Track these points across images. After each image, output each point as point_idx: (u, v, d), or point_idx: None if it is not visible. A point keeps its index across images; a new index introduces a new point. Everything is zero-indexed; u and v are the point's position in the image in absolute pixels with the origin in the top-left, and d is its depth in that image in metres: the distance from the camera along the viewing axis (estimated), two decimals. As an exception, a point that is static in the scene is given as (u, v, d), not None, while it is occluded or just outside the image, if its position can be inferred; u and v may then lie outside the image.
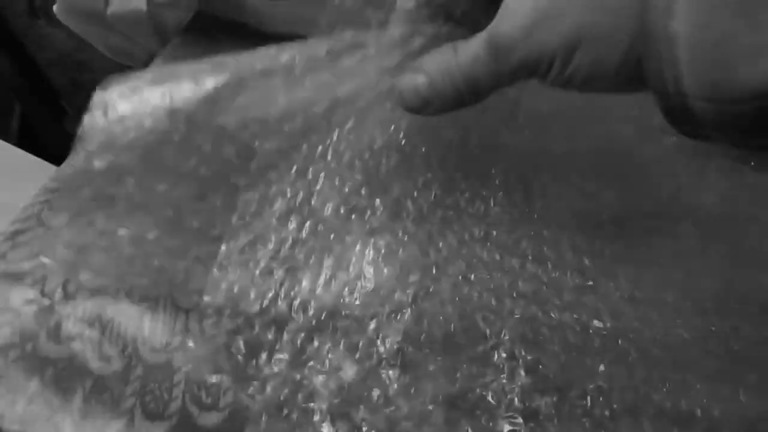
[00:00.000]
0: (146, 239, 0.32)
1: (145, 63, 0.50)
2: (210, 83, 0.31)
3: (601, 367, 0.30)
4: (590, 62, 0.23)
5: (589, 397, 0.29)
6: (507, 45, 0.25)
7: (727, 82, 0.18)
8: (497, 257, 0.33)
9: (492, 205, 0.34)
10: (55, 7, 0.46)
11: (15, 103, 1.00)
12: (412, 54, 0.29)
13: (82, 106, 0.46)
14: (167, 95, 0.31)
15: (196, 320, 0.31)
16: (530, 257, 0.33)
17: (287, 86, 0.31)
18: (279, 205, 0.33)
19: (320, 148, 0.33)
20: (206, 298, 0.31)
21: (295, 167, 0.33)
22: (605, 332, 0.31)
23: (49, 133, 1.02)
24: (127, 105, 0.31)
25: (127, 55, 0.52)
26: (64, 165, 0.38)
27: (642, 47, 0.21)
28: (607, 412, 0.29)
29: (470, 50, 0.26)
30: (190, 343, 0.30)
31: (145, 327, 0.32)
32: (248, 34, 0.46)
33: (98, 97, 0.32)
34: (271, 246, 0.32)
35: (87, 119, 0.32)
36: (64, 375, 0.30)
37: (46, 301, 0.32)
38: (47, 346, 0.31)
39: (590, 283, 0.33)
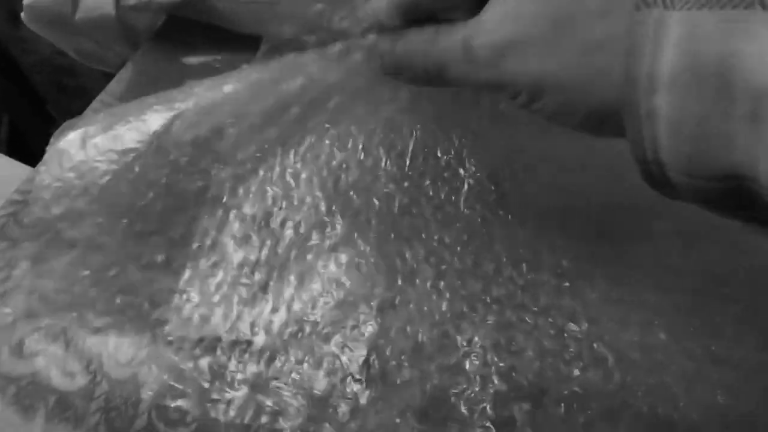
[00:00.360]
0: (107, 277, 0.32)
1: (118, 67, 0.50)
2: (158, 121, 0.32)
3: (576, 372, 0.29)
4: (557, 107, 0.23)
5: (563, 404, 0.28)
6: (477, 59, 0.24)
7: (701, 161, 0.19)
8: (469, 263, 0.32)
9: (462, 209, 0.33)
10: (22, 15, 0.45)
11: (3, 112, 0.99)
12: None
13: (68, 111, 0.45)
14: (118, 139, 0.32)
15: (161, 340, 0.30)
16: (505, 260, 0.32)
17: (235, 116, 0.31)
18: (237, 228, 0.32)
19: (277, 169, 0.33)
20: (168, 327, 0.30)
21: (252, 190, 0.33)
22: (581, 336, 0.30)
23: (38, 141, 1.01)
24: (80, 152, 0.32)
25: (100, 60, 0.51)
26: (32, 174, 0.38)
27: (624, 113, 0.20)
28: (581, 419, 0.28)
29: (449, 41, 0.25)
30: (153, 368, 0.29)
31: (111, 341, 0.31)
32: (219, 36, 0.45)
33: (52, 149, 0.34)
34: (231, 269, 0.32)
35: (42, 171, 0.33)
36: (26, 393, 0.30)
37: (9, 318, 0.32)
38: (9, 363, 0.31)
39: (567, 284, 0.32)
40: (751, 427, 0.28)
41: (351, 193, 0.33)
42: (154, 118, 0.32)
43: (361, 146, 0.34)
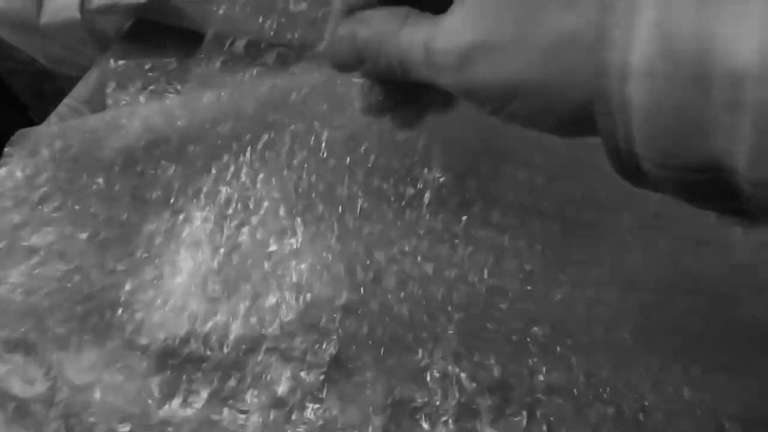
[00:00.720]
0: (68, 285, 0.31)
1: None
2: (124, 132, 0.31)
3: (540, 377, 0.29)
4: (529, 112, 0.21)
5: (525, 412, 0.28)
6: (439, 65, 0.22)
7: (677, 151, 0.18)
8: (430, 270, 0.31)
9: (424, 213, 0.32)
10: (-14, 19, 0.45)
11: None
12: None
13: (48, 115, 0.44)
14: (83, 149, 0.31)
15: (118, 346, 0.29)
16: (466, 266, 0.31)
17: (186, 109, 0.30)
18: (187, 233, 0.31)
19: (232, 168, 0.31)
20: (124, 334, 0.29)
21: (204, 191, 0.31)
22: (543, 339, 0.30)
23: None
24: (36, 160, 0.31)
25: (71, 64, 0.51)
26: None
27: (595, 104, 0.19)
28: (544, 427, 0.27)
29: (413, 38, 0.23)
30: (97, 392, 0.28)
31: (71, 348, 0.30)
32: (189, 38, 0.45)
33: (8, 158, 0.32)
34: (181, 279, 0.30)
35: None
36: (-16, 402, 0.29)
37: (-33, 327, 0.31)
38: (-33, 373, 0.30)
39: (529, 287, 0.31)
40: (717, 421, 0.28)
41: (312, 195, 0.31)
42: (121, 130, 0.31)
43: (323, 144, 0.32)
